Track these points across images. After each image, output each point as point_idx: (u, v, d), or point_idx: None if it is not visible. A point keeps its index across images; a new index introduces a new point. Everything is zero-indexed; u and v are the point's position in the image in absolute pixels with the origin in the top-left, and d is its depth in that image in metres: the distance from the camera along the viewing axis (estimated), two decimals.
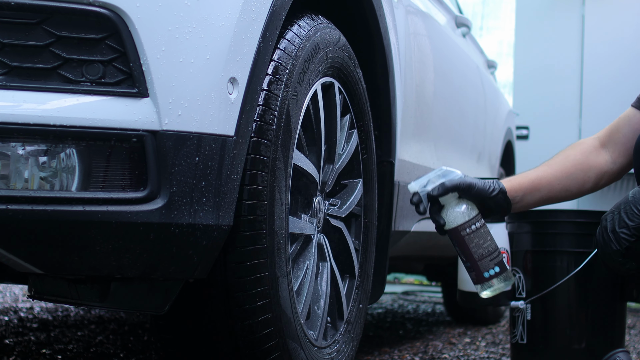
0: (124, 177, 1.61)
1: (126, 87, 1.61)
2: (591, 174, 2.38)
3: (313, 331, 2.15)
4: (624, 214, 2.22)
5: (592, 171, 2.38)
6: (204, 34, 1.69)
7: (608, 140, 2.40)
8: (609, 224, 2.26)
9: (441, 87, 3.39)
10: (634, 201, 2.21)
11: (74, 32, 1.59)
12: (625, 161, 2.39)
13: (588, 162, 2.38)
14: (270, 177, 1.84)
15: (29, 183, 1.56)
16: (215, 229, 1.71)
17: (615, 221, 2.24)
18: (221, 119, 1.71)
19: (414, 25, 2.97)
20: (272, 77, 1.87)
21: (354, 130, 2.42)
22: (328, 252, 2.28)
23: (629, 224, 2.21)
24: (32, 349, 2.90)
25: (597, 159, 2.39)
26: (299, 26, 2.03)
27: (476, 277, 2.22)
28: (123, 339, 3.30)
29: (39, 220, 1.55)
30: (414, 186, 2.20)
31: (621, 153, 2.39)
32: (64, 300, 1.84)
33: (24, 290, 5.32)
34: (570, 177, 2.37)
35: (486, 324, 4.61)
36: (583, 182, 2.39)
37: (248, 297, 1.84)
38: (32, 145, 1.56)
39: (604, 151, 2.40)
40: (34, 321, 3.82)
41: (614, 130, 2.40)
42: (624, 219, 2.22)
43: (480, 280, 2.22)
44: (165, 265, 1.69)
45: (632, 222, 2.20)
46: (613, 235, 2.24)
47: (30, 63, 1.57)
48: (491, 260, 2.20)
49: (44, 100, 1.56)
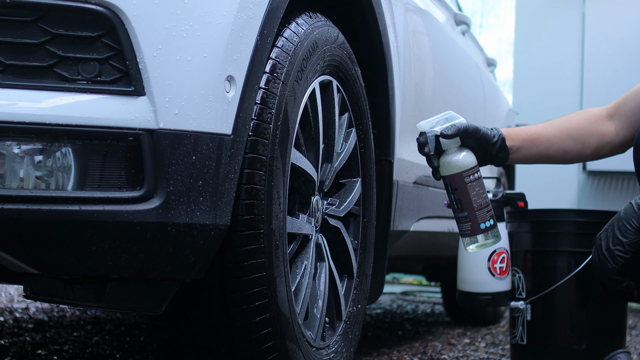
0: (120, 176, 1.60)
1: (122, 86, 1.60)
2: (592, 140, 2.37)
3: (311, 332, 2.14)
4: (617, 231, 2.23)
5: (594, 137, 2.37)
6: (201, 31, 1.68)
7: (615, 112, 2.39)
8: (603, 242, 2.27)
9: (440, 86, 3.38)
10: (626, 217, 2.23)
11: (69, 30, 1.58)
12: (627, 135, 2.38)
13: (590, 128, 2.37)
14: (268, 177, 1.83)
15: (24, 182, 1.55)
16: (213, 228, 1.70)
17: (610, 239, 2.25)
18: (218, 118, 1.70)
19: (413, 23, 2.96)
20: (269, 76, 1.86)
21: (352, 129, 2.41)
22: (326, 252, 2.27)
23: (622, 240, 2.22)
24: (28, 350, 2.89)
25: (601, 127, 2.38)
26: (297, 24, 2.02)
27: (471, 228, 2.19)
28: (119, 339, 3.29)
29: (35, 219, 1.54)
30: (423, 125, 2.18)
31: (625, 126, 2.38)
32: (59, 300, 1.83)
33: (20, 291, 5.32)
34: (570, 138, 2.36)
35: (486, 325, 4.60)
36: (583, 146, 2.37)
37: (245, 298, 1.83)
38: (28, 144, 1.55)
39: (610, 122, 2.39)
40: (30, 322, 3.80)
41: (621, 102, 2.40)
42: (618, 236, 2.23)
43: (475, 231, 2.19)
44: (162, 265, 1.68)
45: (625, 239, 2.21)
46: (608, 253, 2.25)
47: (26, 61, 1.56)
48: (487, 212, 2.19)
49: (39, 99, 1.55)
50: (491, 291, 2.82)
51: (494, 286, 2.82)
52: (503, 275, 2.81)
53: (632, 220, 2.22)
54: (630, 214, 2.21)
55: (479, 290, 2.84)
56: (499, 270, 2.81)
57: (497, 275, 2.81)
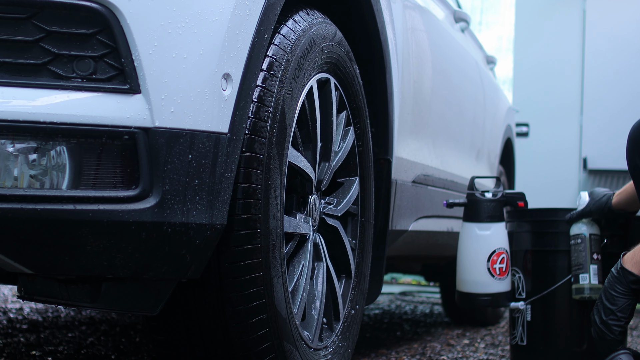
0: (116, 175, 1.60)
1: (118, 84, 1.60)
2: None
3: (309, 332, 2.13)
4: (606, 302, 2.35)
5: None
6: (197, 29, 1.67)
7: None
8: (596, 317, 2.38)
9: (439, 84, 3.36)
10: (610, 286, 2.35)
11: (64, 27, 1.57)
12: None
13: None
14: (265, 175, 1.82)
15: (18, 181, 1.55)
16: (209, 228, 1.69)
17: (601, 311, 2.36)
18: (215, 116, 1.69)
19: (411, 20, 2.95)
20: (266, 73, 1.85)
21: (350, 127, 2.40)
22: (324, 252, 2.26)
23: (612, 309, 2.33)
24: (22, 351, 2.88)
25: None
26: (294, 21, 2.01)
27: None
28: (115, 340, 3.28)
29: (29, 219, 1.54)
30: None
31: None
32: (54, 300, 1.82)
33: (14, 291, 5.32)
34: None
35: (485, 325, 4.58)
36: None
37: (242, 298, 1.82)
38: (22, 142, 1.54)
39: None
40: (24, 322, 3.80)
41: None
42: (608, 306, 2.35)
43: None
44: (158, 265, 1.67)
45: (615, 306, 2.33)
46: (604, 326, 2.35)
47: (20, 59, 1.56)
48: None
49: (33, 97, 1.54)
50: (491, 292, 2.82)
51: (493, 287, 2.82)
52: (503, 275, 2.81)
53: (616, 286, 2.34)
54: (613, 281, 2.34)
55: (479, 291, 2.84)
56: (499, 270, 2.81)
57: (496, 276, 2.80)
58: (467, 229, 2.92)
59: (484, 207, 2.89)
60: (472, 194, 2.92)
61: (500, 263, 2.81)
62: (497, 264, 2.81)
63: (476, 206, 2.91)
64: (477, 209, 2.90)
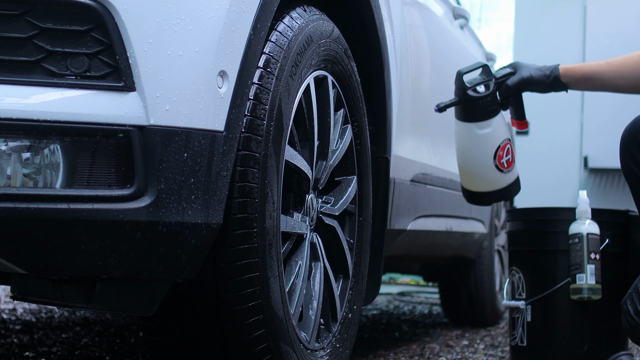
0: (110, 174, 1.59)
1: (112, 81, 1.59)
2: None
3: (306, 333, 2.12)
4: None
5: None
6: (192, 25, 1.67)
7: None
8: (630, 308, 2.29)
9: (438, 81, 3.35)
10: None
11: (58, 24, 1.56)
12: None
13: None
14: (262, 174, 1.81)
15: (11, 180, 1.54)
16: (205, 227, 1.69)
17: (636, 302, 2.27)
18: (210, 114, 1.68)
19: (410, 17, 2.94)
20: (263, 71, 1.84)
21: (347, 125, 2.39)
22: (321, 252, 2.25)
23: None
24: (15, 352, 2.87)
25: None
26: (291, 18, 2.00)
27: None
28: (109, 341, 3.28)
29: (22, 218, 1.53)
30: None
31: None
32: (48, 301, 1.82)
33: (7, 291, 5.31)
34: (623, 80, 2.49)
35: (485, 326, 4.58)
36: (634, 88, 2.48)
37: (238, 298, 1.81)
38: (15, 140, 1.53)
39: None
40: (17, 323, 3.79)
41: None
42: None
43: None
44: (153, 265, 1.67)
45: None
46: (638, 317, 2.27)
47: (13, 56, 1.55)
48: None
49: (27, 94, 1.54)
50: (501, 187, 2.71)
51: (503, 181, 2.70)
52: (510, 167, 2.69)
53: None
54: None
55: (490, 189, 2.72)
56: (506, 163, 2.68)
57: (505, 170, 2.68)
58: (466, 129, 2.70)
59: (479, 104, 2.65)
60: (463, 92, 2.65)
61: (507, 155, 2.68)
62: (504, 158, 2.67)
63: (471, 105, 2.65)
64: (473, 108, 2.65)
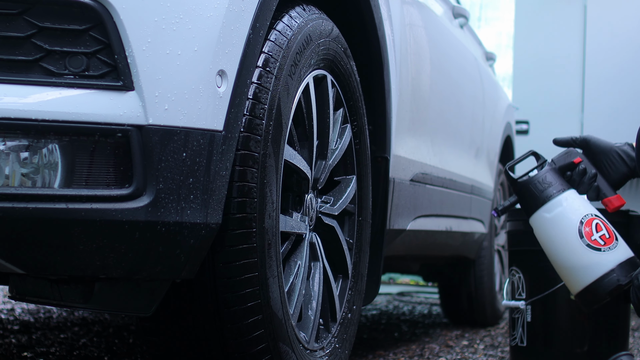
0: (109, 174, 1.59)
1: (111, 80, 1.59)
2: None
3: (305, 333, 2.12)
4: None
5: None
6: (191, 24, 1.66)
7: None
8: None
9: (438, 81, 3.35)
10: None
11: (56, 23, 1.56)
12: None
13: None
14: (261, 174, 1.81)
15: (9, 179, 1.54)
16: (203, 227, 1.68)
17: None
18: (209, 113, 1.68)
19: (409, 16, 2.93)
20: (262, 70, 1.83)
21: (347, 125, 2.38)
22: (320, 252, 2.25)
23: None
24: (13, 352, 2.88)
25: None
26: (290, 17, 2.00)
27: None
28: (107, 341, 3.28)
29: (20, 218, 1.52)
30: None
31: None
32: (46, 301, 1.81)
33: (5, 291, 5.30)
34: None
35: (484, 326, 4.58)
36: None
37: (237, 298, 1.80)
38: (13, 140, 1.53)
39: None
40: (15, 323, 3.79)
41: None
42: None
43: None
44: (151, 265, 1.66)
45: None
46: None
47: (11, 55, 1.55)
48: None
49: (25, 94, 1.53)
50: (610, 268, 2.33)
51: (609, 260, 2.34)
52: (610, 243, 2.36)
53: None
54: None
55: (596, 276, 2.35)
56: (601, 240, 2.36)
57: (603, 248, 2.35)
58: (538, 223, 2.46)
59: (537, 186, 2.46)
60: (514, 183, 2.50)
61: (598, 231, 2.36)
62: (595, 235, 2.36)
63: (528, 191, 2.46)
64: (531, 193, 2.46)
